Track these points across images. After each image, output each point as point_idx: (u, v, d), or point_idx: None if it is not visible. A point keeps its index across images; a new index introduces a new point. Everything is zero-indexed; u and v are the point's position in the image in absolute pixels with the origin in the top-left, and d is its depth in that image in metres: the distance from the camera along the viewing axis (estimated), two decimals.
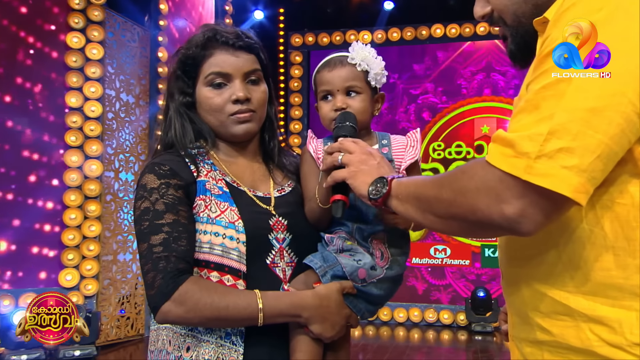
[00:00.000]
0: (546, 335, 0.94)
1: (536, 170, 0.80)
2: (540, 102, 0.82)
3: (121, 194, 5.39)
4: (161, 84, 5.70)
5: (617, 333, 0.86)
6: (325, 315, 1.18)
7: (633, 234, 0.86)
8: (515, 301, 1.02)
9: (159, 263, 1.17)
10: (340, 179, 1.15)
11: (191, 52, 1.32)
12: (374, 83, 1.34)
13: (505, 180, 0.83)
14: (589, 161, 0.79)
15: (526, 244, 0.96)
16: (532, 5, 0.99)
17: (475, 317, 5.97)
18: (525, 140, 0.81)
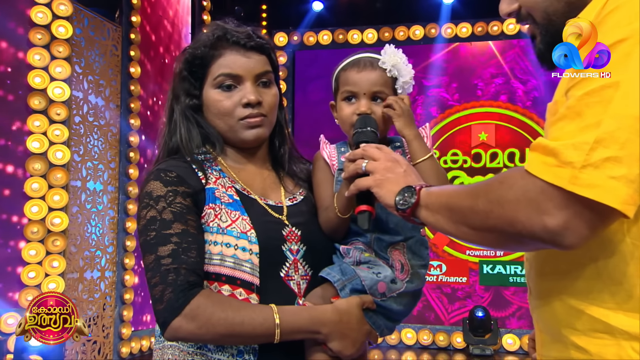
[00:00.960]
0: (582, 354, 0.97)
1: (582, 180, 0.83)
2: (584, 108, 0.86)
3: (89, 205, 5.36)
4: (133, 86, 5.70)
5: None
6: (346, 332, 1.21)
7: None
8: (546, 318, 1.06)
9: (167, 276, 1.19)
10: (365, 187, 1.17)
11: (199, 52, 1.35)
12: (400, 91, 1.39)
13: (548, 190, 0.86)
14: (638, 171, 0.82)
15: (561, 257, 0.99)
16: (565, 3, 1.03)
17: (473, 339, 6.04)
18: (570, 148, 0.84)
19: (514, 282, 6.35)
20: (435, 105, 6.47)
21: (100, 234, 5.51)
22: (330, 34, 6.68)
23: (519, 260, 6.30)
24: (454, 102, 6.45)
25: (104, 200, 5.54)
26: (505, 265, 6.36)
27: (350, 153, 1.26)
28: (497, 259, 6.26)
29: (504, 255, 6.28)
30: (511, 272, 6.35)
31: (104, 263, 5.51)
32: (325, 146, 1.42)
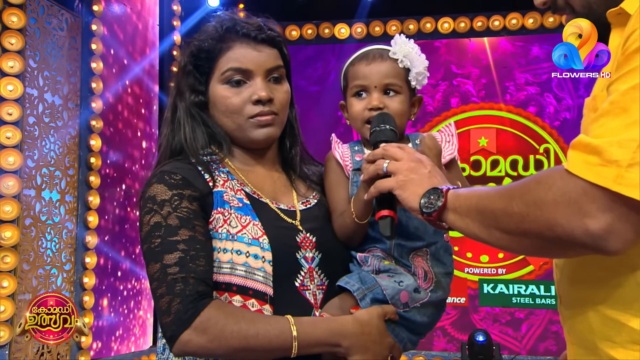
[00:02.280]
0: None
1: (628, 180, 0.89)
2: (630, 104, 0.91)
3: (44, 216, 5.33)
4: (95, 83, 5.70)
5: None
6: (368, 345, 1.27)
7: None
8: (579, 329, 1.12)
9: (175, 286, 1.24)
10: (387, 189, 1.23)
11: (206, 44, 1.41)
12: (414, 83, 1.45)
13: (590, 191, 0.92)
14: None
15: (596, 264, 1.05)
16: None
17: None
18: (615, 146, 0.90)
19: (517, 303, 6.46)
20: (458, 96, 6.63)
21: (57, 250, 5.47)
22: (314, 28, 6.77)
23: (523, 279, 6.42)
24: (477, 99, 6.61)
25: (61, 212, 5.50)
26: (508, 285, 6.48)
27: (369, 153, 1.31)
28: (499, 277, 6.37)
29: (507, 273, 6.39)
30: (514, 292, 6.47)
31: (60, 282, 5.48)
32: (337, 146, 1.47)
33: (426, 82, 1.49)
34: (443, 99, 6.67)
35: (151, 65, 6.68)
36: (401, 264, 1.37)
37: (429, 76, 1.50)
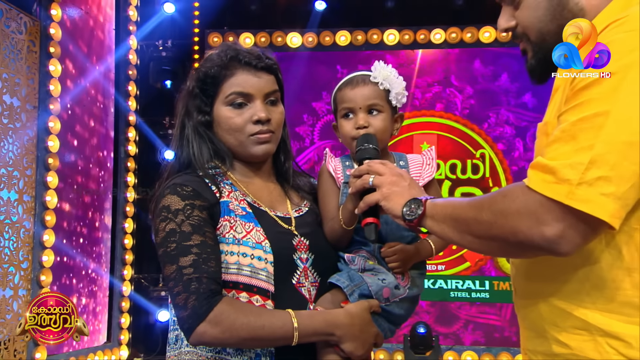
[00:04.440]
0: (563, 348, 1.22)
1: (577, 196, 1.06)
2: (578, 133, 1.09)
3: (2, 216, 5.30)
4: (53, 85, 5.69)
5: (634, 348, 1.13)
6: (357, 334, 1.44)
7: None
8: (531, 316, 1.31)
9: (190, 284, 1.38)
10: (374, 202, 1.40)
11: (212, 71, 1.55)
12: (395, 102, 1.63)
13: (547, 204, 1.09)
14: (624, 189, 1.07)
15: (546, 263, 1.24)
16: (557, 26, 1.27)
17: (414, 356, 6.39)
18: (567, 168, 1.08)
19: (454, 297, 6.77)
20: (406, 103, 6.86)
21: (14, 248, 5.44)
22: (268, 36, 6.91)
23: (460, 275, 6.74)
24: (422, 107, 6.88)
25: (18, 211, 5.47)
26: (447, 280, 6.79)
27: (356, 169, 1.48)
28: (439, 273, 6.65)
29: (446, 269, 6.68)
30: (452, 287, 6.78)
31: (18, 280, 5.46)
32: (330, 160, 1.64)
33: (405, 100, 1.67)
34: None
35: (108, 68, 6.68)
36: (383, 263, 1.55)
37: (407, 95, 1.67)
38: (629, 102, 1.06)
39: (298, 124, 7.02)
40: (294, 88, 6.85)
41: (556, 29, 1.27)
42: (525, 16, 1.32)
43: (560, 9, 1.27)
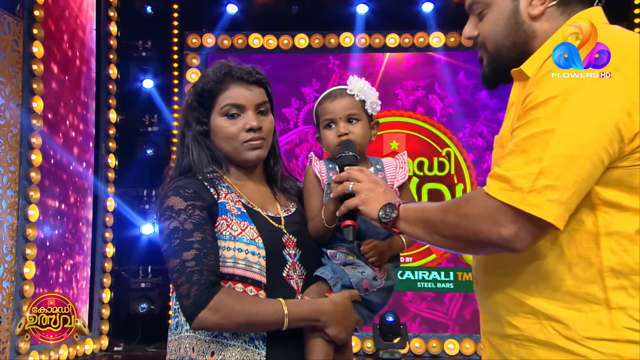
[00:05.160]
0: (514, 330, 1.38)
1: (528, 201, 1.22)
2: (529, 147, 1.25)
3: None
4: (36, 84, 5.72)
5: (572, 330, 1.30)
6: (340, 320, 1.60)
7: (584, 253, 1.31)
8: (488, 302, 1.48)
9: (192, 276, 1.52)
10: (353, 206, 1.55)
11: (208, 86, 1.69)
12: (370, 111, 1.78)
13: (503, 209, 1.25)
14: (567, 196, 1.23)
15: (503, 258, 1.40)
16: (512, 43, 1.44)
17: (383, 343, 6.58)
18: (520, 178, 1.23)
19: (421, 287, 6.97)
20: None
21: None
22: (245, 38, 7.01)
23: (427, 266, 6.95)
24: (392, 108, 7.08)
25: (2, 206, 5.52)
26: (414, 271, 6.99)
27: (337, 176, 1.63)
28: (406, 265, 6.85)
29: (413, 261, 6.87)
30: (419, 278, 6.98)
31: (2, 272, 5.50)
32: (315, 163, 1.79)
33: (379, 109, 1.82)
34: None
35: (89, 67, 6.72)
36: (361, 258, 1.70)
37: (381, 103, 1.82)
38: (571, 121, 1.23)
39: (285, 105, 7.16)
40: (284, 73, 7.04)
41: (510, 45, 1.44)
42: (486, 29, 1.47)
43: (516, 28, 1.43)
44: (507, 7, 1.43)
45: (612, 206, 1.27)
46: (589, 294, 1.28)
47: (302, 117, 7.20)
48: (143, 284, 6.96)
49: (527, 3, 1.41)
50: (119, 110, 7.08)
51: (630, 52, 1.26)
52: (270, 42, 6.96)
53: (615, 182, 1.26)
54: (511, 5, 1.43)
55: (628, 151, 1.24)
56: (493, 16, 1.46)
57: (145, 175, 7.15)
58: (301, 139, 7.21)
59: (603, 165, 1.24)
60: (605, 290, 1.26)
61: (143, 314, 7.04)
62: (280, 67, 6.97)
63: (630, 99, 1.22)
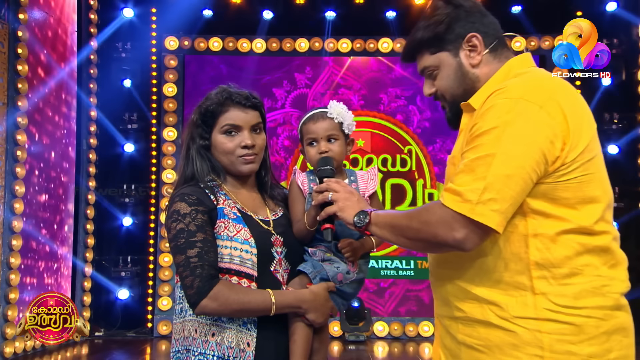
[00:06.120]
0: (461, 313, 1.64)
1: (476, 211, 1.48)
2: (476, 167, 1.51)
3: None
4: (20, 84, 5.81)
5: (504, 310, 1.56)
6: (318, 307, 1.85)
7: (516, 250, 1.56)
8: (440, 290, 1.73)
9: (195, 270, 1.75)
10: (332, 212, 1.79)
11: (211, 107, 1.91)
12: (347, 131, 2.02)
13: (456, 216, 1.50)
14: (506, 207, 1.49)
15: (454, 255, 1.66)
16: (463, 91, 1.71)
17: (349, 327, 6.88)
18: (469, 192, 1.50)
19: (384, 275, 7.28)
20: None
21: None
22: (220, 41, 7.18)
23: (389, 255, 7.26)
24: (357, 107, 7.36)
25: None
26: (377, 260, 7.29)
27: (317, 187, 1.86)
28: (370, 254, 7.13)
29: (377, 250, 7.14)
30: (382, 266, 7.29)
31: None
32: (298, 175, 2.02)
33: (354, 128, 2.05)
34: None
35: (71, 68, 6.82)
36: (338, 256, 1.95)
37: (355, 124, 2.06)
38: (508, 147, 1.49)
39: (277, 86, 7.41)
40: (281, 60, 7.32)
41: (462, 92, 1.71)
42: (441, 85, 1.74)
43: (463, 78, 1.70)
44: (452, 64, 1.70)
45: (539, 214, 1.53)
46: (519, 283, 1.54)
47: (291, 100, 7.43)
48: (123, 273, 7.11)
49: (467, 56, 1.69)
50: (100, 108, 7.19)
51: (552, 93, 1.53)
52: (244, 46, 7.15)
53: (541, 195, 1.53)
54: (455, 62, 1.70)
55: (551, 171, 1.51)
56: (444, 74, 1.72)
57: (125, 170, 7.29)
58: (285, 120, 7.46)
59: (532, 182, 1.51)
60: (531, 280, 1.52)
61: (123, 301, 7.21)
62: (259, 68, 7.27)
63: (552, 130, 1.49)
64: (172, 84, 7.16)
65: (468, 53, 1.69)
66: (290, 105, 7.41)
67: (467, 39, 1.69)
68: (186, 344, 1.84)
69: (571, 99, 1.56)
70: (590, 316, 1.48)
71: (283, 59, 7.36)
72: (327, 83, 7.44)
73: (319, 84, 7.45)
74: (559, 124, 1.50)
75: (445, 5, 1.72)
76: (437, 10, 1.72)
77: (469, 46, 1.69)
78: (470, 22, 1.69)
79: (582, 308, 1.49)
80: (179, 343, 1.87)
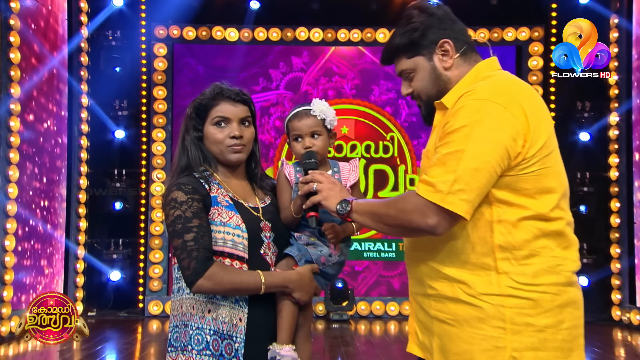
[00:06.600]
0: (433, 291, 1.80)
1: (447, 200, 1.64)
2: (447, 161, 1.67)
3: None
4: (13, 71, 5.86)
5: (472, 288, 1.72)
6: (303, 287, 1.99)
7: (483, 235, 1.72)
8: (415, 271, 1.89)
9: (192, 252, 1.89)
10: (317, 201, 1.93)
11: (204, 102, 2.04)
12: (329, 126, 2.16)
13: (429, 205, 1.66)
14: (473, 197, 1.65)
15: (426, 239, 1.80)
16: (437, 91, 1.86)
17: (333, 306, 7.06)
18: (441, 183, 1.65)
19: (367, 257, 7.46)
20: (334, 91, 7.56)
21: None
22: (208, 30, 7.25)
23: (372, 238, 7.43)
24: (349, 95, 7.56)
25: None
26: (361, 243, 7.47)
27: (303, 178, 2.00)
28: (354, 237, 7.29)
29: (360, 234, 7.34)
30: (365, 248, 7.46)
31: None
32: (286, 166, 2.16)
33: (336, 123, 2.19)
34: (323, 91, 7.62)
35: (62, 56, 6.86)
36: (321, 240, 2.09)
37: (337, 119, 2.19)
38: (476, 144, 1.64)
39: (273, 67, 7.53)
40: (279, 49, 7.43)
41: (436, 93, 1.85)
42: (417, 86, 1.88)
43: (437, 80, 1.85)
44: (427, 67, 1.84)
45: (502, 202, 1.69)
46: (485, 263, 1.69)
47: (285, 82, 7.56)
48: (114, 255, 7.22)
49: (440, 60, 1.83)
50: (90, 95, 7.24)
51: (515, 95, 1.68)
52: (232, 35, 7.23)
53: (505, 186, 1.68)
54: (429, 65, 1.84)
55: (513, 165, 1.66)
56: (419, 76, 1.87)
57: (116, 155, 7.37)
58: (278, 101, 7.59)
59: (497, 175, 1.66)
60: (495, 261, 1.68)
61: (114, 282, 7.33)
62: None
63: (515, 129, 1.64)
64: (162, 72, 7.23)
65: (441, 57, 1.83)
66: (285, 87, 7.55)
67: (439, 45, 1.82)
68: (184, 320, 1.98)
69: (532, 101, 1.71)
70: (546, 292, 1.64)
71: (282, 46, 7.50)
72: (322, 69, 7.57)
73: (314, 69, 7.57)
74: (521, 123, 1.64)
75: (419, 13, 1.85)
76: (413, 19, 1.85)
77: (442, 51, 1.82)
78: (442, 29, 1.82)
79: (539, 285, 1.65)
80: (177, 319, 2.01)
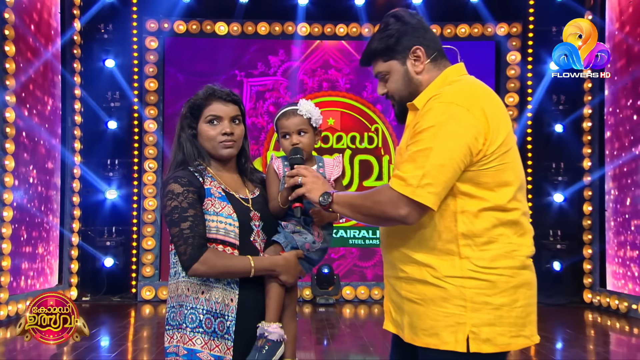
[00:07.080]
0: (404, 274, 1.98)
1: (417, 193, 1.82)
2: (417, 158, 1.85)
3: None
4: (8, 64, 5.92)
5: (437, 271, 1.90)
6: (289, 270, 2.17)
7: (448, 224, 1.88)
8: (388, 256, 2.07)
9: (188, 240, 2.06)
10: (302, 193, 2.11)
11: (198, 102, 2.21)
12: (315, 125, 2.32)
13: (401, 197, 1.84)
14: (439, 190, 1.83)
15: (399, 228, 1.98)
16: (409, 93, 2.04)
17: (319, 291, 7.26)
18: (411, 178, 1.83)
19: (353, 244, 7.65)
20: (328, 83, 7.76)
21: None
22: (198, 24, 7.36)
23: (357, 226, 7.63)
24: (343, 89, 7.74)
25: None
26: (347, 230, 7.65)
27: (289, 172, 2.17)
28: (340, 225, 7.49)
29: (346, 221, 7.53)
30: (351, 236, 7.65)
31: None
32: (274, 160, 2.33)
33: (321, 122, 2.35)
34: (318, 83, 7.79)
35: (55, 48, 6.95)
36: (306, 228, 2.26)
37: (322, 117, 2.35)
38: (442, 143, 1.82)
39: (272, 54, 7.68)
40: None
41: (408, 95, 2.02)
42: (391, 87, 2.05)
43: (409, 82, 2.02)
44: (400, 70, 2.01)
45: (465, 195, 1.87)
46: (449, 249, 1.87)
47: (283, 69, 7.70)
48: (108, 242, 7.36)
49: (412, 65, 2.00)
50: (83, 86, 7.34)
51: (477, 98, 1.87)
52: (221, 29, 7.34)
53: (468, 180, 1.86)
54: (403, 69, 2.01)
55: (475, 161, 1.84)
56: (393, 78, 2.04)
57: (108, 146, 7.49)
58: (274, 87, 7.75)
59: (461, 170, 1.84)
60: (459, 247, 1.86)
61: (108, 268, 7.48)
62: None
63: (477, 129, 1.82)
64: (153, 64, 7.34)
65: (413, 62, 2.00)
66: (282, 74, 7.71)
67: (412, 51, 1.99)
68: (180, 301, 2.15)
69: (492, 103, 1.89)
70: (502, 274, 1.83)
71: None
72: (319, 62, 7.73)
73: (312, 60, 7.73)
74: (482, 124, 1.82)
75: (395, 21, 2.02)
76: (389, 26, 2.02)
77: (414, 56, 1.99)
78: (415, 36, 1.99)
79: (496, 268, 1.83)
80: (173, 300, 2.18)
